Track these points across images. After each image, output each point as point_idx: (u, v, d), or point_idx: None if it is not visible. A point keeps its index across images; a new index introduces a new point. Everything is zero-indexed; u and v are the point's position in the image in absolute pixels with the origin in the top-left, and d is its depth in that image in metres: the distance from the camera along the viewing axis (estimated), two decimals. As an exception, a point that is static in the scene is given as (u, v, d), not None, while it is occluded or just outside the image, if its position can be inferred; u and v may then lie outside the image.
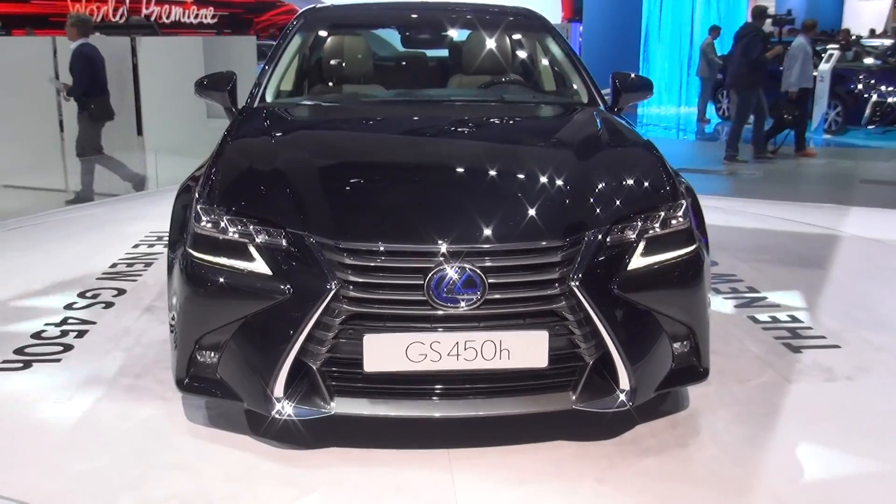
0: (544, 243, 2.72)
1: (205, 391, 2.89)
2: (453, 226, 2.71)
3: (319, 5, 4.71)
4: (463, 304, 2.62)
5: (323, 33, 4.53)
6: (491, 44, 4.36)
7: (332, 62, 4.39)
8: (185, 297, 2.84)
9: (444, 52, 4.84)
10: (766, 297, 4.62)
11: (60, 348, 3.82)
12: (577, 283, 2.67)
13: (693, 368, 3.00)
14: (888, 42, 16.11)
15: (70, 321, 4.19)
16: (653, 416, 3.10)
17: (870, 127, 12.69)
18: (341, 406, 2.72)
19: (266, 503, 2.60)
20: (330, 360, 2.70)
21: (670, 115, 16.97)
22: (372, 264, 2.66)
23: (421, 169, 3.15)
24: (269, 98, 4.03)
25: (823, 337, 4.01)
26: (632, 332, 2.78)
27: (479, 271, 2.63)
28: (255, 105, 3.94)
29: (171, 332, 3.01)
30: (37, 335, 3.98)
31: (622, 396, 2.78)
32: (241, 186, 3.02)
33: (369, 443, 2.89)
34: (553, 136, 3.58)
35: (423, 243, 2.67)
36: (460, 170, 3.09)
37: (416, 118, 3.87)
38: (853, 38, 13.57)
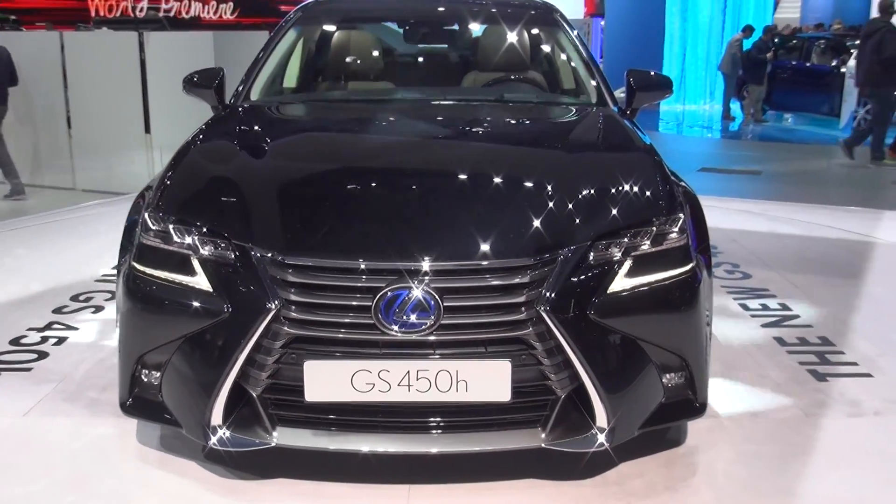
0: (509, 261, 2.41)
1: (147, 415, 2.68)
2: (408, 241, 2.43)
3: None
4: (414, 328, 2.34)
5: (321, 28, 4.28)
6: (499, 39, 4.03)
7: (327, 59, 4.14)
8: (126, 311, 2.64)
9: (451, 48, 4.55)
10: (797, 316, 4.22)
11: (34, 356, 3.66)
12: (547, 307, 2.37)
13: (688, 403, 2.67)
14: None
15: (54, 326, 4.04)
16: (644, 452, 2.78)
17: None
18: (284, 437, 2.47)
19: (197, 542, 2.38)
20: (272, 386, 2.46)
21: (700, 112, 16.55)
22: (316, 282, 2.40)
23: (385, 177, 2.85)
24: (255, 96, 3.80)
25: (855, 364, 3.61)
26: (611, 363, 2.46)
27: (433, 292, 2.34)
28: (239, 103, 3.71)
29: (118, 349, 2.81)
30: (15, 341, 3.84)
31: (600, 436, 2.47)
32: (192, 194, 2.79)
33: (322, 474, 2.63)
34: (541, 141, 3.26)
35: (371, 260, 2.39)
36: (427, 179, 2.80)
37: (396, 121, 3.58)
38: None
